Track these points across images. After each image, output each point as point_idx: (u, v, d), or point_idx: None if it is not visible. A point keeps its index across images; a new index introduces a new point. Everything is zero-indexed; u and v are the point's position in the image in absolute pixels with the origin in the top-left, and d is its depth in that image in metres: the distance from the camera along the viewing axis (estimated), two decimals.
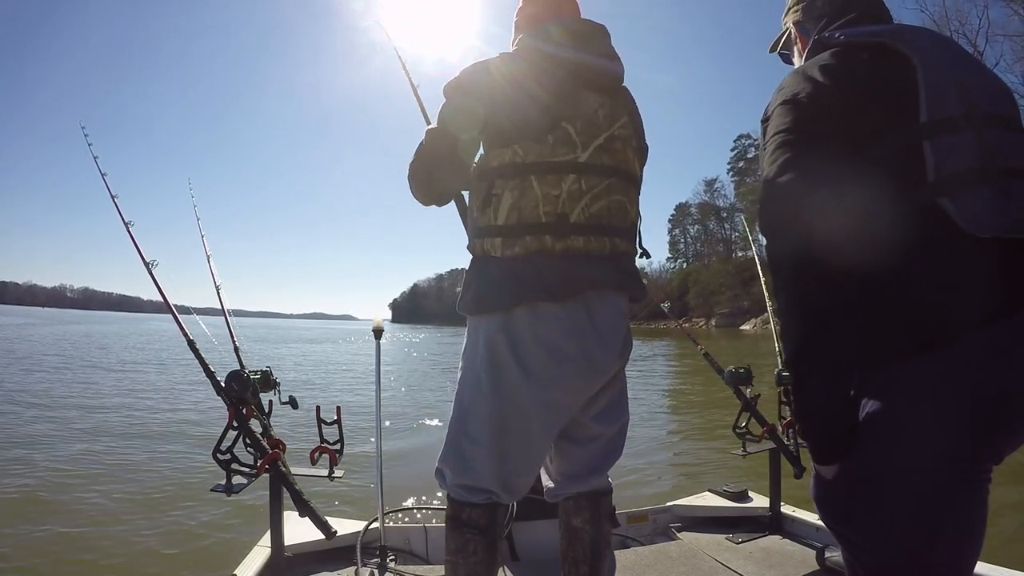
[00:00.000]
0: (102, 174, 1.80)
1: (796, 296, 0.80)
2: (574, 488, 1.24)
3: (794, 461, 1.99)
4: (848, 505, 0.82)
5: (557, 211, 1.08)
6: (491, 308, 1.11)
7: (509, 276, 1.09)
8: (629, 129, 1.20)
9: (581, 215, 1.10)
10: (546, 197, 1.08)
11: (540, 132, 1.09)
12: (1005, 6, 19.94)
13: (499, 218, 1.10)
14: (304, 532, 1.69)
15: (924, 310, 0.75)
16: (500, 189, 1.10)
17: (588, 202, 1.10)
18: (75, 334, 22.46)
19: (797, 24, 1.03)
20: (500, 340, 1.10)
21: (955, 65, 0.82)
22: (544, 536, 1.88)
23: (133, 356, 14.00)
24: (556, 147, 1.09)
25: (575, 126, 1.11)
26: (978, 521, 0.76)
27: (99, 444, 4.82)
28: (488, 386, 1.11)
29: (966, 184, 0.75)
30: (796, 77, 0.85)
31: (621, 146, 1.17)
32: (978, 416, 0.73)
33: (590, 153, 1.11)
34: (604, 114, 1.15)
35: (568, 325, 1.09)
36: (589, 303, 1.11)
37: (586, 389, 1.16)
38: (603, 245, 1.12)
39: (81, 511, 3.26)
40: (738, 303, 52.50)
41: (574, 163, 1.10)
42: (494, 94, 1.10)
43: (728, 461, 4.41)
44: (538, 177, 1.08)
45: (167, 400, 7.32)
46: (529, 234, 1.08)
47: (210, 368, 1.59)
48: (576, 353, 1.10)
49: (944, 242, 0.74)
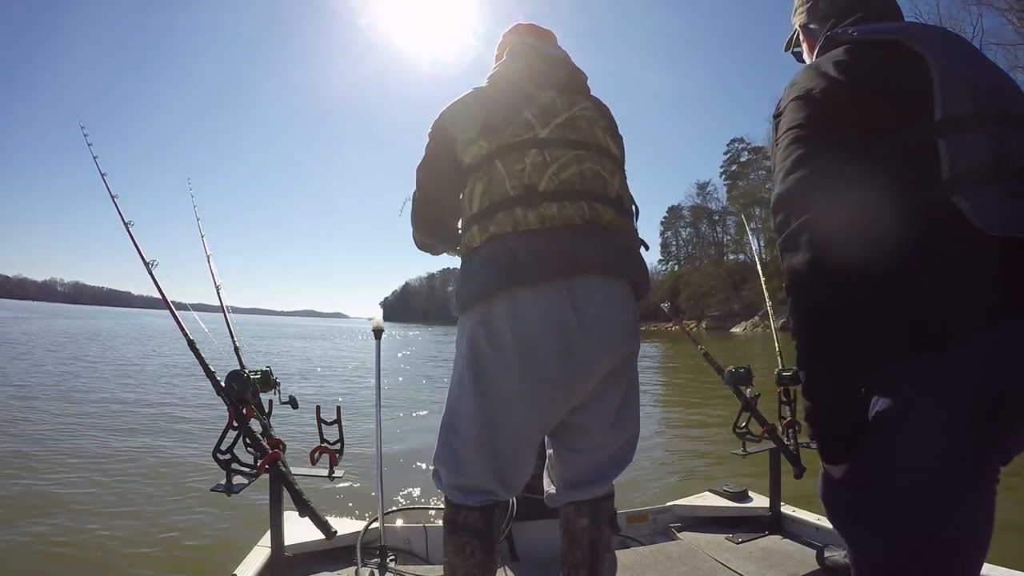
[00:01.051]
0: (102, 174, 1.80)
1: (807, 294, 0.80)
2: (574, 496, 1.20)
3: (794, 461, 1.99)
4: (854, 504, 0.82)
5: (524, 183, 1.09)
6: (472, 302, 1.10)
7: (484, 262, 1.08)
8: (594, 112, 1.21)
9: (550, 183, 1.08)
10: (510, 173, 1.09)
11: (501, 124, 1.13)
12: (999, 15, 20.02)
13: (474, 207, 1.12)
14: (304, 532, 1.69)
15: (925, 308, 0.74)
16: (472, 183, 1.13)
17: (556, 170, 1.10)
18: (72, 330, 22.43)
19: (803, 26, 1.03)
20: (479, 334, 1.09)
21: (968, 63, 0.82)
22: (544, 536, 1.88)
23: (133, 352, 14.00)
24: (516, 130, 1.12)
25: (532, 112, 1.14)
26: (982, 521, 0.75)
27: (98, 443, 4.81)
28: (471, 382, 1.10)
29: (980, 182, 0.74)
30: (809, 73, 0.85)
31: (586, 124, 1.17)
32: (978, 416, 0.72)
33: (550, 129, 1.14)
34: (562, 101, 1.18)
35: (546, 313, 1.04)
36: (573, 291, 1.05)
37: (572, 383, 1.07)
38: (580, 210, 1.07)
39: (80, 510, 3.26)
40: (729, 306, 52.90)
41: (534, 139, 1.12)
42: (459, 112, 1.18)
43: (728, 461, 4.41)
44: (502, 159, 1.11)
45: (166, 398, 7.31)
46: (501, 210, 1.08)
47: (210, 368, 1.59)
48: (556, 344, 1.04)
49: (948, 240, 0.74)
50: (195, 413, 6.36)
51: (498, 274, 1.05)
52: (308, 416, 1.71)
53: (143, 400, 7.22)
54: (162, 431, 5.43)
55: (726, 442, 3.75)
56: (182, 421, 5.95)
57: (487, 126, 1.14)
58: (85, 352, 13.85)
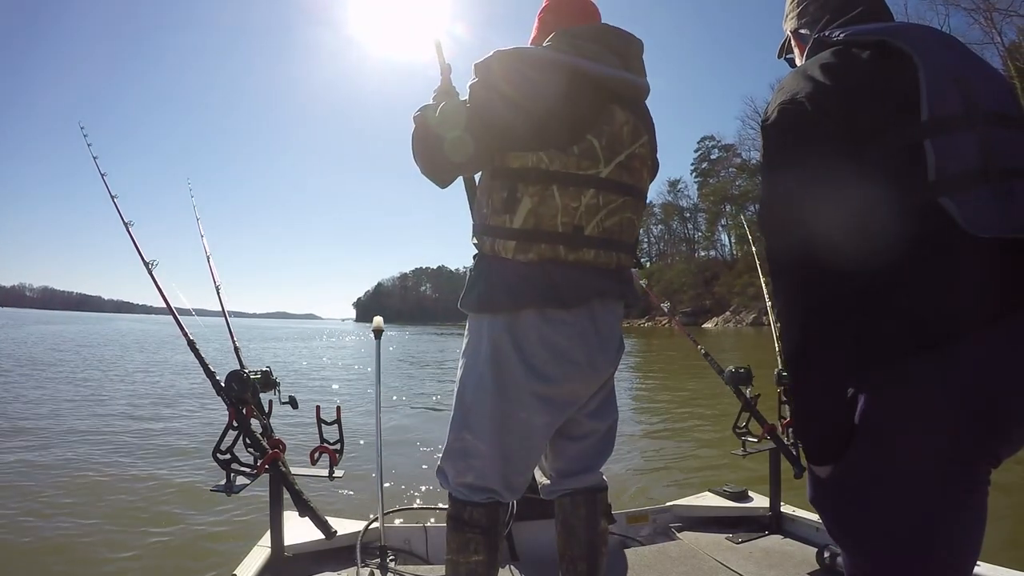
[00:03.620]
0: (102, 174, 1.80)
1: (795, 296, 0.80)
2: (570, 484, 1.26)
3: (794, 461, 1.99)
4: (843, 506, 0.82)
5: (574, 223, 1.10)
6: (498, 308, 1.11)
7: (520, 280, 1.09)
8: (647, 148, 1.21)
9: (595, 229, 1.12)
10: (565, 208, 1.09)
11: (566, 142, 1.08)
12: (966, 15, 20.11)
13: (516, 222, 1.09)
14: (304, 532, 1.69)
15: (920, 311, 0.74)
16: (521, 193, 1.09)
17: (603, 217, 1.13)
18: (53, 336, 22.45)
19: (793, 32, 1.03)
20: (505, 339, 1.11)
21: (957, 63, 0.81)
22: (544, 536, 1.88)
23: (124, 355, 14.00)
24: (580, 159, 1.09)
25: (600, 141, 1.11)
26: (974, 523, 0.75)
27: (97, 443, 4.82)
28: (492, 384, 1.12)
29: (967, 183, 0.74)
30: (796, 77, 0.84)
31: (639, 164, 1.19)
32: (972, 418, 0.72)
33: (611, 169, 1.13)
34: (628, 130, 1.15)
35: (574, 330, 1.13)
36: (593, 310, 1.15)
37: (585, 391, 1.20)
38: (611, 260, 1.15)
39: (80, 511, 3.26)
40: (700, 302, 53.18)
41: (596, 178, 1.11)
42: (522, 96, 1.07)
43: (728, 461, 4.41)
44: (560, 187, 1.08)
45: (165, 399, 7.32)
46: (544, 242, 1.09)
47: (210, 368, 1.59)
48: (580, 357, 1.13)
49: (942, 242, 0.74)
50: (194, 411, 6.36)
51: (535, 294, 1.10)
52: (306, 416, 1.71)
53: (143, 400, 7.22)
54: (161, 430, 5.43)
55: (726, 442, 3.75)
56: (181, 420, 5.96)
57: (553, 138, 1.07)
58: (77, 357, 13.82)
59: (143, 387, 8.54)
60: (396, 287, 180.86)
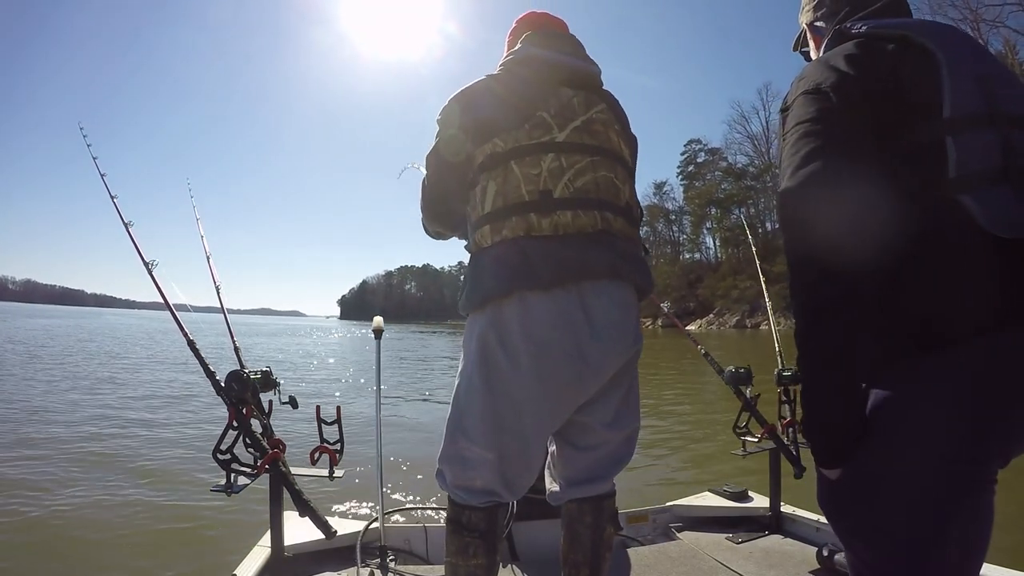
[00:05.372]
0: (101, 175, 1.79)
1: (811, 292, 0.78)
2: (577, 494, 1.21)
3: (794, 461, 1.99)
4: (850, 506, 0.81)
5: (540, 188, 1.08)
6: (482, 302, 1.10)
7: (496, 263, 1.08)
8: (609, 115, 1.20)
9: (565, 190, 1.09)
10: (527, 176, 1.09)
11: (517, 123, 1.11)
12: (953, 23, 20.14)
13: (486, 207, 1.11)
14: (304, 532, 1.69)
15: (929, 309, 0.73)
16: (485, 181, 1.11)
17: (571, 177, 1.10)
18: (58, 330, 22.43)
19: (809, 24, 1.02)
20: (490, 335, 1.09)
21: (979, 62, 0.81)
22: (544, 536, 1.88)
23: (126, 353, 13.99)
24: (532, 130, 1.11)
25: (549, 112, 1.13)
26: (981, 524, 0.74)
27: (97, 443, 4.81)
28: (480, 383, 1.10)
29: (989, 182, 0.73)
30: (819, 66, 0.83)
31: (602, 127, 1.17)
32: (979, 419, 0.72)
33: (567, 133, 1.13)
34: (580, 101, 1.17)
35: (558, 317, 1.05)
36: (583, 295, 1.07)
37: (580, 386, 1.10)
38: (593, 219, 1.09)
39: (80, 511, 3.26)
40: (684, 304, 53.15)
41: (551, 143, 1.11)
42: (473, 103, 1.14)
43: (728, 461, 4.41)
44: (517, 161, 1.10)
45: (164, 398, 7.31)
46: (515, 214, 1.08)
47: (210, 368, 1.59)
48: (567, 347, 1.06)
49: (955, 241, 0.73)
50: (193, 409, 6.36)
51: (511, 277, 1.06)
52: (304, 416, 1.71)
53: (143, 400, 7.22)
54: (161, 430, 5.43)
55: (726, 442, 3.75)
56: (180, 420, 5.95)
57: (502, 122, 1.11)
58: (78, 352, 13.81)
59: (156, 387, 8.53)
60: (381, 285, 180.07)
